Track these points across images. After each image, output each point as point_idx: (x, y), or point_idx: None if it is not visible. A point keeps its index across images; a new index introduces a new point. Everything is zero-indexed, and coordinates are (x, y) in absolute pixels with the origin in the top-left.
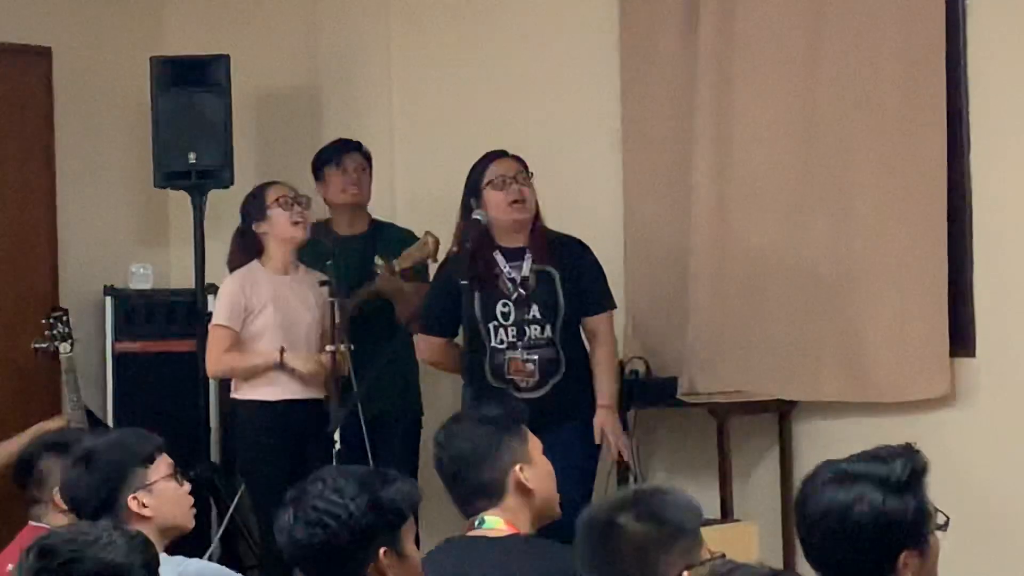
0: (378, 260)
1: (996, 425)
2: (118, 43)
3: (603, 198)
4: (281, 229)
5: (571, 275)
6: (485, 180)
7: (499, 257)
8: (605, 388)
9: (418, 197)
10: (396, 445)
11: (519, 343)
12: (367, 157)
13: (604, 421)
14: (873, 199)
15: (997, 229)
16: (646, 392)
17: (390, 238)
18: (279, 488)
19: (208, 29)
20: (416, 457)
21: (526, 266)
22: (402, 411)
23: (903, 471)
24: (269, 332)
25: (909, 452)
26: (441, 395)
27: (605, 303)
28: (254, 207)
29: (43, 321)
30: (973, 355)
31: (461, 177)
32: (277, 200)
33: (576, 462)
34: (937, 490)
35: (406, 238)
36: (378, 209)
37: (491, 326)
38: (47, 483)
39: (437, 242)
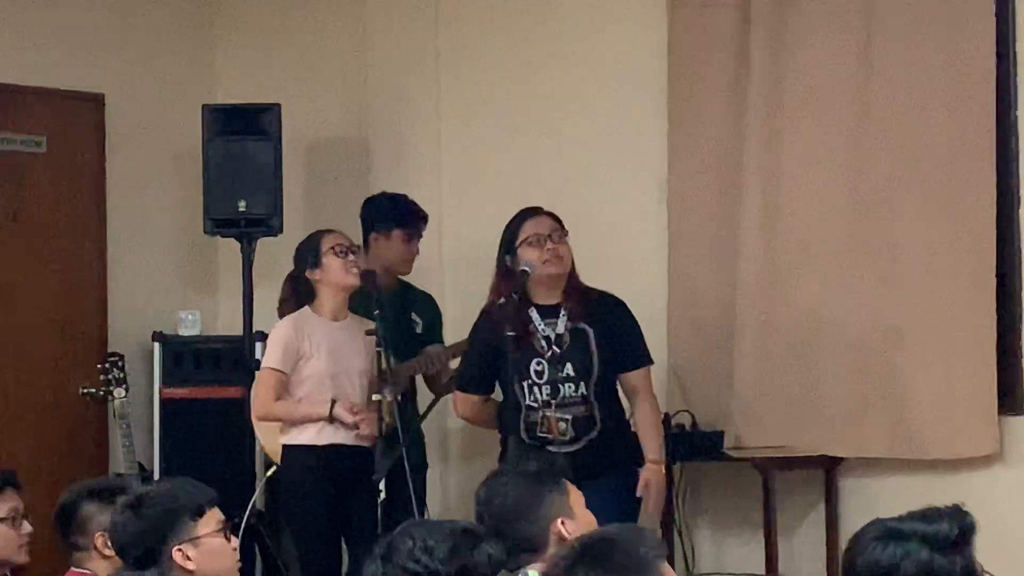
0: (430, 350)
1: None
2: (170, 91)
3: (648, 251)
4: (335, 276)
5: (606, 332)
6: (520, 238)
7: (534, 314)
8: (653, 444)
9: (465, 245)
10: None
11: (553, 401)
12: None
13: (652, 476)
14: (920, 257)
15: None
16: (692, 445)
17: (421, 301)
18: (322, 532)
19: (260, 78)
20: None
21: (561, 324)
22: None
23: (951, 530)
24: (317, 378)
25: (957, 512)
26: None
27: (642, 360)
28: (309, 254)
29: (98, 366)
30: (1022, 413)
31: None
32: (332, 248)
33: (614, 515)
34: (984, 549)
35: (432, 303)
36: (424, 257)
37: (525, 384)
38: (89, 529)
39: None
